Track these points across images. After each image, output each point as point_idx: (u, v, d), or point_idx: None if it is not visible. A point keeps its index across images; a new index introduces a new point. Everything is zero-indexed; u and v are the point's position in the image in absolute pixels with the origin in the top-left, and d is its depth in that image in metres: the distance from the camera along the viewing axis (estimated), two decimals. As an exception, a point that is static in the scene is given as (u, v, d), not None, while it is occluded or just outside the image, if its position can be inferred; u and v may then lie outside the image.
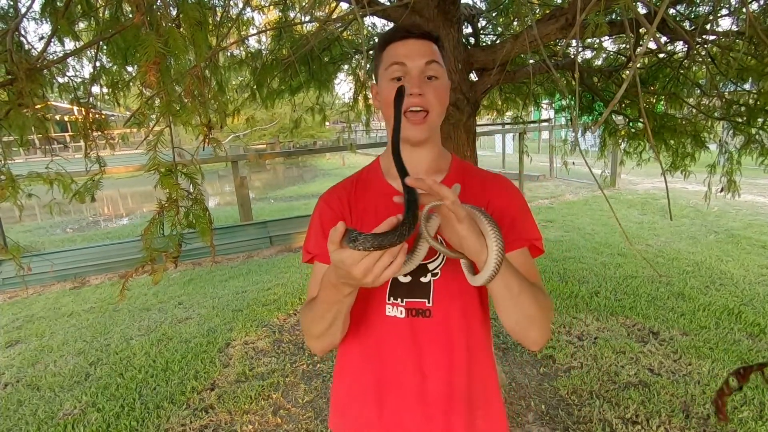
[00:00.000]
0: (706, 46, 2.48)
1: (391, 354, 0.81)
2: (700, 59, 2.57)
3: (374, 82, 0.88)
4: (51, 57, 1.77)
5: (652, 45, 2.68)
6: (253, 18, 3.01)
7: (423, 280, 0.80)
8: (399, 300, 0.80)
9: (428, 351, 0.79)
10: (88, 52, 2.17)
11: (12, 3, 1.82)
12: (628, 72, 2.79)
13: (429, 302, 0.79)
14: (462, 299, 0.80)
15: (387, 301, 0.81)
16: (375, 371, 0.82)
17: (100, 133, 1.56)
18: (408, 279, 0.81)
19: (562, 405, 2.29)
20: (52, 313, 4.03)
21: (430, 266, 0.80)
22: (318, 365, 2.81)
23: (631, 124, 3.16)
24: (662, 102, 2.99)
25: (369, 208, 0.84)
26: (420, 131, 0.79)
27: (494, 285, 0.66)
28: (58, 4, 1.66)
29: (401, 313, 0.80)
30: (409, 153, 0.82)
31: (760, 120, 2.43)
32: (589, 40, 3.12)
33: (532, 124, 6.00)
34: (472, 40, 2.84)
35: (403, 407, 0.80)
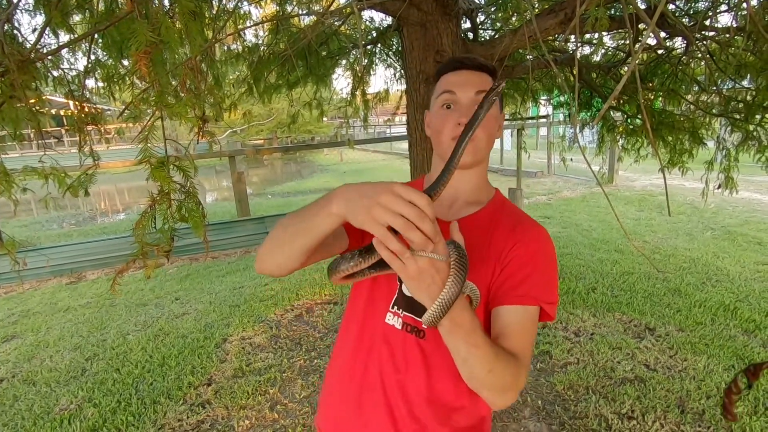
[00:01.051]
0: (705, 42, 2.47)
1: (379, 361, 0.80)
2: (699, 55, 2.57)
3: (428, 110, 0.90)
4: (45, 49, 1.75)
5: (651, 41, 2.67)
6: (249, 12, 2.99)
7: None
8: (400, 311, 0.79)
9: (414, 370, 0.77)
10: (83, 44, 2.15)
11: (5, -6, 1.79)
12: (627, 68, 2.78)
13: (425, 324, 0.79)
14: None
15: (390, 309, 0.80)
16: (362, 374, 0.81)
17: (94, 126, 1.55)
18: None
19: (559, 400, 2.30)
20: (49, 308, 4.01)
21: None
22: (315, 361, 2.81)
23: (629, 120, 3.16)
24: (660, 98, 2.98)
25: None
26: (468, 155, 0.78)
27: (443, 337, 0.62)
28: (52, -5, 1.64)
29: (398, 324, 0.79)
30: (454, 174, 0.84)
31: (758, 117, 2.43)
32: (587, 36, 3.11)
33: (530, 121, 6.00)
34: (470, 35, 2.82)
35: (379, 419, 0.79)
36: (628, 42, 2.86)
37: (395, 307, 0.79)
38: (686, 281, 3.73)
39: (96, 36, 1.81)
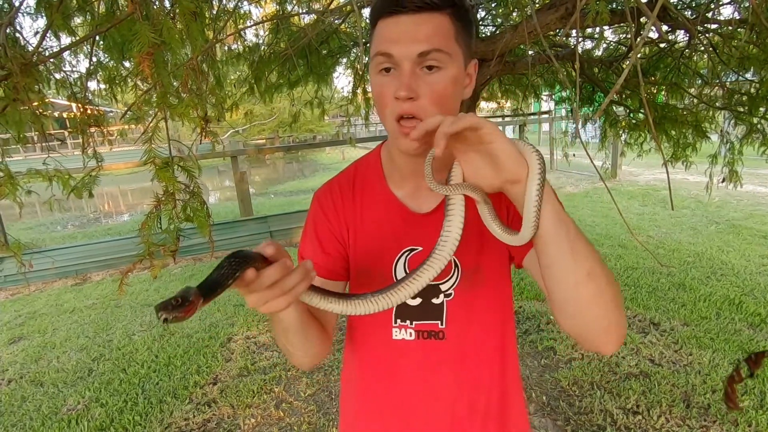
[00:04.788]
0: (707, 34, 2.45)
1: (401, 377, 0.76)
2: (702, 48, 2.55)
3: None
4: (48, 52, 1.76)
5: (653, 34, 2.66)
6: (250, 11, 2.99)
7: (435, 301, 0.73)
8: (407, 322, 0.74)
9: (443, 373, 0.74)
10: (85, 47, 2.16)
11: (6, -2, 1.80)
12: (628, 61, 2.77)
13: (442, 324, 0.73)
14: (480, 318, 0.74)
15: (393, 324, 0.75)
16: (384, 395, 0.78)
17: (96, 128, 1.55)
18: (417, 301, 0.73)
19: (563, 396, 2.30)
20: (55, 310, 4.04)
21: (443, 287, 0.73)
22: (320, 359, 2.83)
23: (631, 114, 3.14)
24: (663, 92, 2.97)
25: (371, 224, 0.75)
26: (414, 143, 0.60)
27: (546, 222, 0.51)
28: (53, -2, 1.65)
29: (410, 336, 0.74)
30: (407, 161, 0.71)
31: (761, 109, 2.41)
32: (589, 30, 3.10)
33: (532, 116, 5.98)
34: (471, 31, 2.81)
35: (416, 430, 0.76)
36: (629, 36, 2.84)
37: (398, 321, 0.74)
38: (691, 276, 3.72)
39: (97, 38, 1.82)
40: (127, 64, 2.18)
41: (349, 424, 0.85)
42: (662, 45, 2.79)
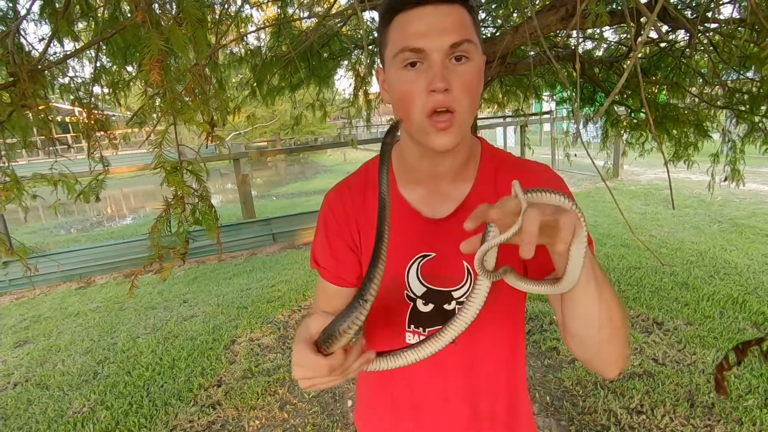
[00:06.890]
0: (707, 34, 2.46)
1: (412, 381, 0.77)
2: (702, 48, 2.55)
3: (380, 65, 0.68)
4: (52, 58, 1.78)
5: (653, 34, 2.66)
6: (251, 15, 3.01)
7: (447, 307, 0.72)
8: (420, 329, 0.74)
9: (453, 378, 0.75)
10: (89, 52, 2.17)
11: (11, 4, 1.82)
12: (629, 62, 2.77)
13: None
14: (492, 325, 0.73)
15: (407, 329, 0.75)
16: (396, 396, 0.79)
17: (102, 133, 1.57)
18: (430, 307, 0.73)
19: (567, 396, 2.30)
20: (59, 313, 4.06)
21: (456, 294, 0.72)
22: (323, 360, 2.83)
23: (633, 114, 3.15)
24: (664, 92, 2.97)
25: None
26: (449, 138, 0.60)
27: (582, 274, 0.52)
28: (57, 5, 1.67)
29: None
30: (425, 163, 0.68)
31: (763, 108, 2.41)
32: (590, 31, 3.11)
33: (533, 117, 5.98)
34: (471, 32, 2.81)
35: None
36: (630, 36, 2.85)
37: (412, 326, 0.74)
38: (694, 275, 3.71)
39: (100, 43, 1.83)
40: (130, 68, 2.20)
41: (363, 412, 0.89)
42: (663, 45, 2.79)
